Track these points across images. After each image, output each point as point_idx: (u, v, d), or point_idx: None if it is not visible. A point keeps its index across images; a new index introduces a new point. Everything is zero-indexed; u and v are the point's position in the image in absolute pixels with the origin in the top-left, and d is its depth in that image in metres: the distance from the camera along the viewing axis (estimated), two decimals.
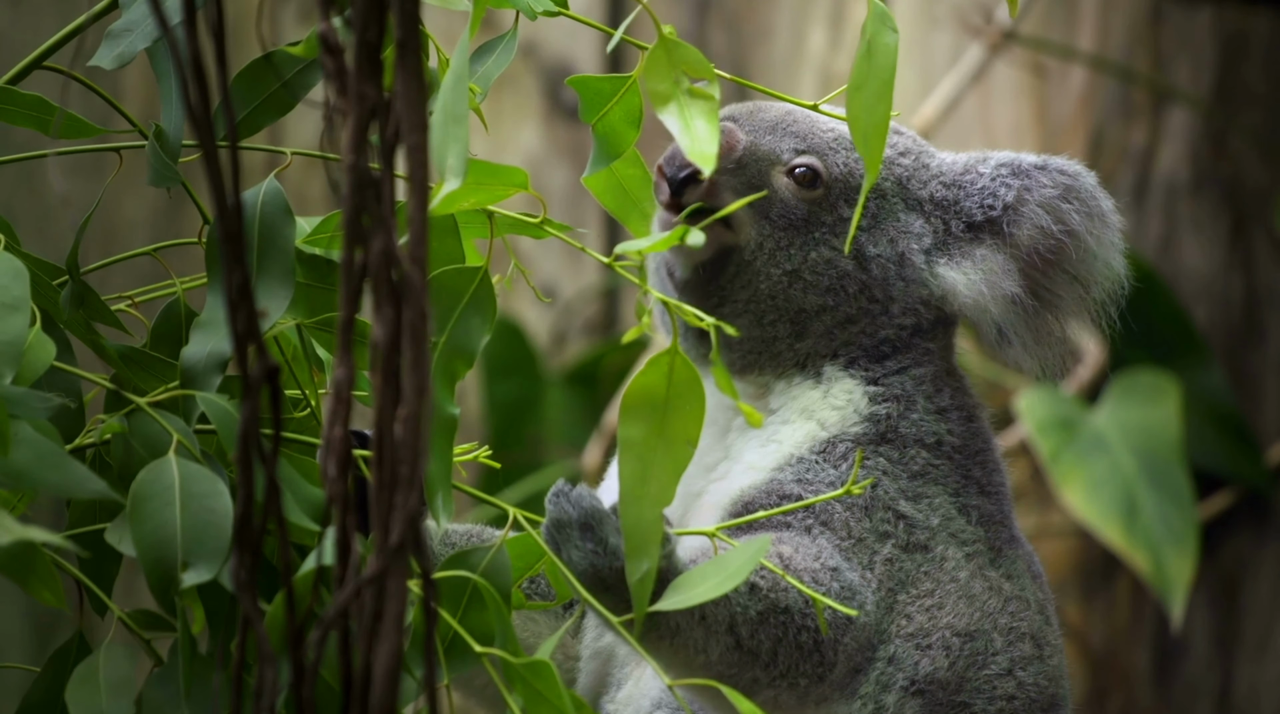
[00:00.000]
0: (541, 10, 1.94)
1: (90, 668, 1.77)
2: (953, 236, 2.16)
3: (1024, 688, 2.09)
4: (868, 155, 1.90)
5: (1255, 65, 4.02)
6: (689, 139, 1.86)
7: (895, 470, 2.11)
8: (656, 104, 1.86)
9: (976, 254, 2.16)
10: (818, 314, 2.15)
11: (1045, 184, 2.16)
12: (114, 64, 1.88)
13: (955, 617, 2.08)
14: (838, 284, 2.14)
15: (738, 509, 2.09)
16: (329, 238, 1.92)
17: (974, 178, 2.17)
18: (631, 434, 1.82)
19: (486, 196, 1.88)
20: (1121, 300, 2.20)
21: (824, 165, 2.14)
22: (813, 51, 4.19)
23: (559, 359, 4.25)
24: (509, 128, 4.24)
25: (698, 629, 1.96)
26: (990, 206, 2.16)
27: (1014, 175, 2.16)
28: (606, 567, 1.90)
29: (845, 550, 2.06)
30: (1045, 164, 2.17)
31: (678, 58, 1.88)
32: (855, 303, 2.15)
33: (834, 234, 2.14)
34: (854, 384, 2.14)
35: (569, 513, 1.91)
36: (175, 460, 1.76)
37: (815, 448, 2.12)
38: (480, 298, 1.84)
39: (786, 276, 2.13)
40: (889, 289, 2.15)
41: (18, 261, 1.78)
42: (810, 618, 1.99)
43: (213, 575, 1.72)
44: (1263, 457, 3.98)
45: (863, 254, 2.14)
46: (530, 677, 1.75)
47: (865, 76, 1.89)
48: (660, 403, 1.82)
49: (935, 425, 2.14)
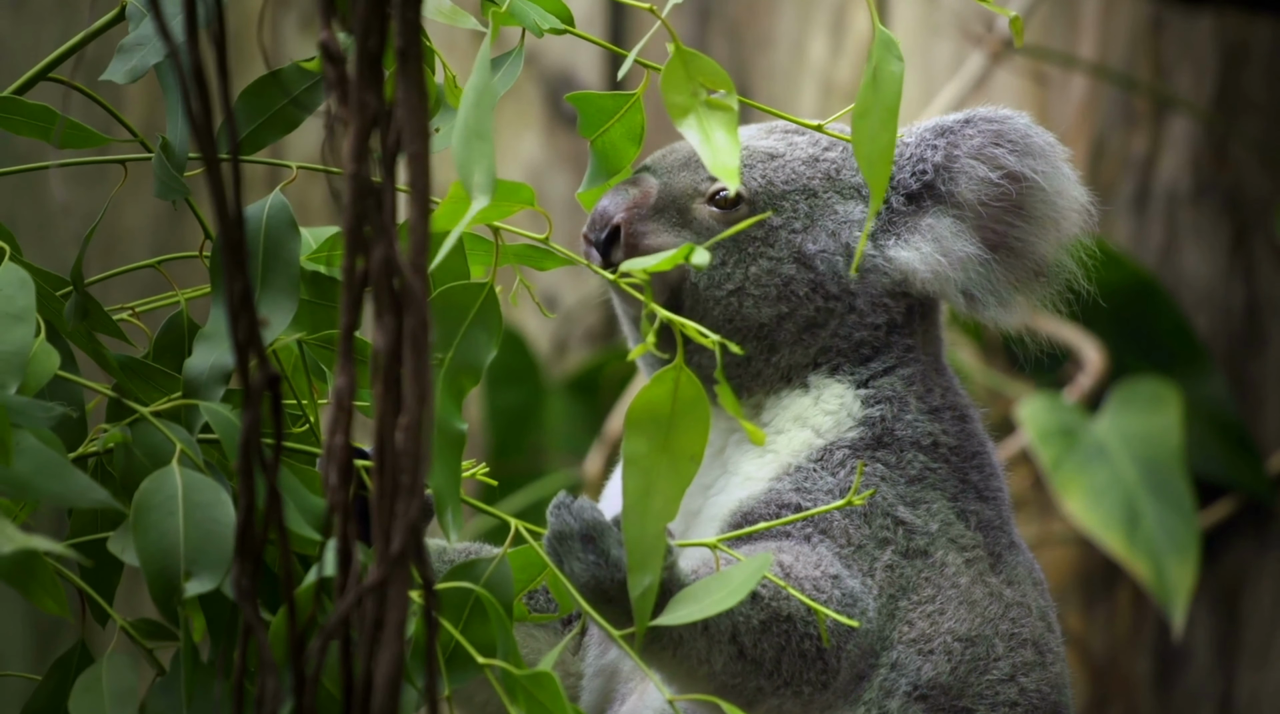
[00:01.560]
0: (548, 28, 1.94)
1: (93, 677, 1.77)
2: (895, 213, 2.15)
3: (1026, 694, 2.09)
4: (872, 180, 1.90)
5: (1256, 73, 4.02)
6: (709, 151, 1.86)
7: (893, 475, 2.11)
8: (675, 116, 1.87)
9: (922, 225, 2.14)
10: (779, 324, 2.15)
11: (972, 135, 2.14)
12: (126, 79, 1.89)
13: (957, 622, 2.08)
14: (786, 290, 2.14)
15: (737, 520, 2.09)
16: (329, 254, 1.92)
17: (902, 149, 2.16)
18: (636, 449, 1.82)
19: (494, 212, 1.88)
20: (1094, 228, 2.17)
21: (742, 186, 2.15)
22: (814, 60, 4.19)
23: (560, 368, 4.25)
24: (510, 137, 4.24)
25: (700, 640, 1.96)
26: (922, 172, 2.15)
27: (939, 135, 2.15)
28: (608, 579, 1.90)
29: (845, 557, 2.06)
30: (969, 117, 2.15)
31: (695, 69, 1.88)
32: (811, 303, 2.15)
33: (768, 244, 2.14)
34: (843, 388, 2.14)
35: (571, 525, 1.91)
36: (178, 470, 1.76)
37: (812, 456, 2.12)
38: (486, 313, 1.85)
39: (734, 296, 2.14)
40: (843, 282, 2.14)
41: (23, 272, 1.79)
42: (813, 626, 1.99)
43: (215, 585, 1.72)
44: (1264, 465, 3.98)
45: (803, 253, 2.14)
46: (533, 688, 1.75)
47: (870, 104, 1.89)
48: (665, 419, 1.83)
49: (930, 426, 2.14)
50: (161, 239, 4.10)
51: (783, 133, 2.20)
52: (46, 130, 1.93)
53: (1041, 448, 3.83)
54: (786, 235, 2.14)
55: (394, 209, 1.59)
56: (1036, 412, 3.87)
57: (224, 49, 1.59)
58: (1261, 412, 4.01)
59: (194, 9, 1.59)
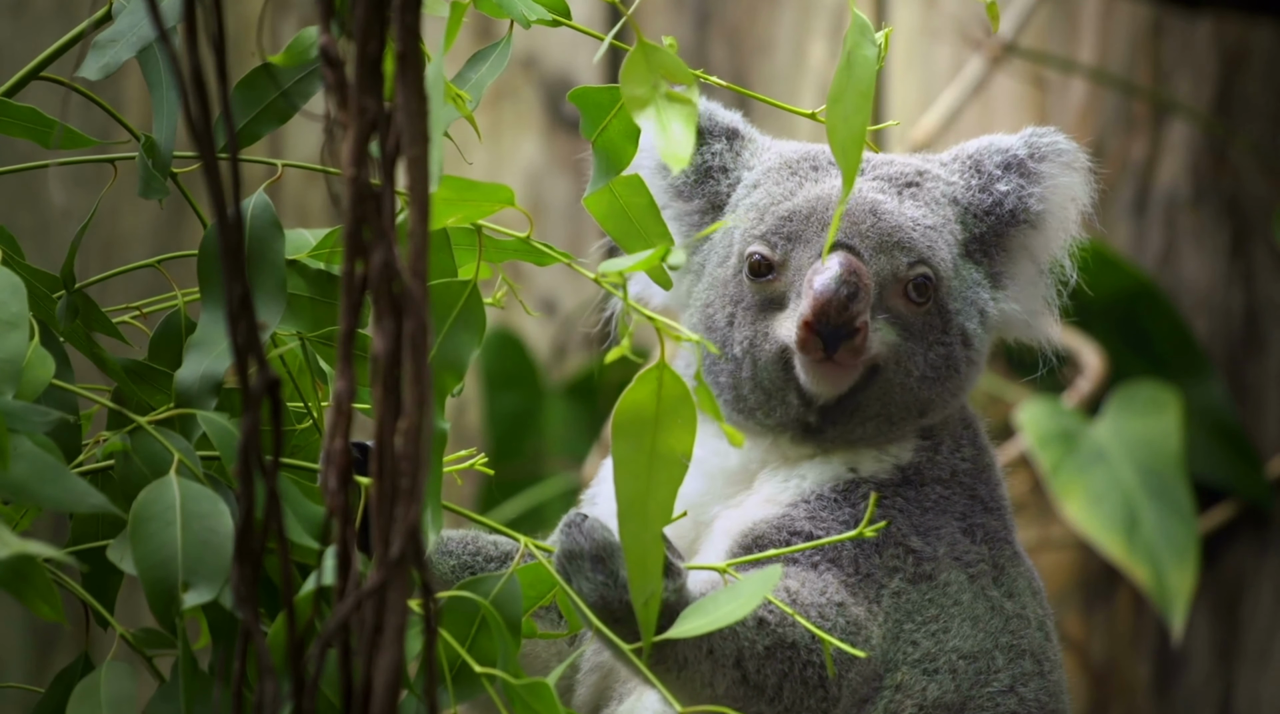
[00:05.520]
0: (535, 19, 1.93)
1: (91, 685, 1.76)
2: (991, 259, 2.16)
3: (1025, 704, 2.09)
4: (845, 166, 1.88)
5: (1256, 78, 4.02)
6: (663, 140, 1.83)
7: (909, 508, 2.11)
8: (632, 108, 1.84)
9: (1016, 271, 2.16)
10: (940, 397, 2.13)
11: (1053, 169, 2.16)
12: (100, 74, 1.88)
13: (961, 639, 2.08)
14: (954, 369, 2.12)
15: (747, 542, 2.09)
16: (330, 252, 1.91)
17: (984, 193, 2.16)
18: (624, 452, 1.82)
19: (473, 212, 1.87)
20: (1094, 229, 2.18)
21: (933, 271, 2.11)
22: (814, 64, 4.19)
23: (559, 372, 4.25)
24: (510, 141, 4.24)
25: (705, 663, 1.96)
26: (1018, 211, 2.15)
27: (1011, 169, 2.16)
28: (616, 599, 1.90)
29: (851, 586, 2.05)
30: (1032, 147, 2.16)
31: (656, 62, 1.86)
32: (970, 375, 2.15)
33: (944, 331, 2.11)
34: (913, 438, 2.15)
35: (581, 545, 1.90)
36: (176, 480, 1.75)
37: (838, 487, 2.11)
38: (469, 312, 1.84)
39: (917, 381, 2.10)
40: (982, 348, 2.15)
41: (16, 277, 1.78)
42: (816, 653, 1.98)
43: (214, 596, 1.71)
44: (1263, 469, 3.98)
45: (965, 333, 2.13)
46: (529, 698, 1.76)
47: (844, 88, 1.88)
48: (650, 419, 1.81)
49: (953, 460, 2.14)
50: (160, 241, 4.10)
51: (899, 190, 2.14)
52: (42, 134, 1.92)
53: (1041, 452, 3.83)
54: (954, 317, 2.12)
55: (393, 213, 1.59)
56: (1036, 416, 3.86)
57: (223, 49, 1.59)
58: (1261, 416, 4.00)
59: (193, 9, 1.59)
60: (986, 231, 2.15)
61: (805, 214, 2.09)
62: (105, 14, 1.91)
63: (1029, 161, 2.15)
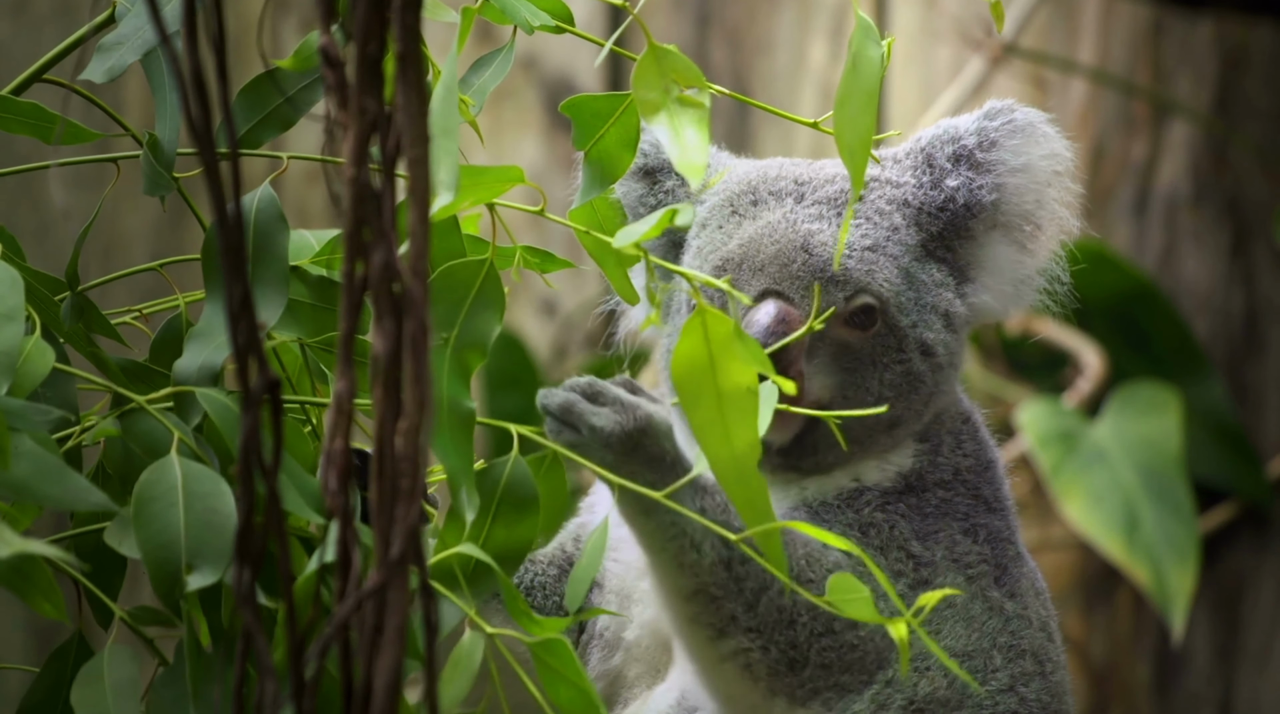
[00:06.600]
0: (538, 25, 1.93)
1: (95, 669, 1.76)
2: (954, 251, 2.14)
3: (1026, 704, 2.09)
4: (853, 169, 1.87)
5: (1256, 78, 4.02)
6: (677, 148, 1.83)
7: (911, 514, 2.09)
8: (645, 113, 1.83)
9: (985, 258, 2.12)
10: (906, 410, 2.10)
11: (1004, 148, 2.14)
12: (105, 77, 1.88)
13: (953, 639, 2.07)
14: (915, 383, 2.09)
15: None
16: (331, 258, 1.92)
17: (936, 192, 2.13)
18: (696, 413, 1.78)
19: (484, 194, 1.87)
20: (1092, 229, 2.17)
21: (875, 297, 2.07)
22: (814, 65, 4.20)
23: (560, 372, 4.26)
24: (510, 141, 4.24)
25: (699, 525, 1.94)
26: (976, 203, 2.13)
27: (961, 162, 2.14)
28: (630, 419, 1.89)
29: None
30: (982, 132, 2.14)
31: (667, 66, 1.85)
32: (935, 384, 2.11)
33: (899, 349, 2.08)
34: (911, 444, 2.13)
35: (568, 395, 1.90)
36: (177, 460, 1.75)
37: (841, 496, 2.10)
38: (488, 289, 1.83)
39: (874, 406, 2.05)
40: (951, 352, 2.11)
41: (13, 270, 1.77)
42: (796, 599, 1.97)
43: (218, 578, 1.71)
44: (1263, 470, 3.98)
45: (924, 344, 2.09)
46: (545, 655, 1.75)
47: (850, 90, 1.87)
48: (706, 364, 1.78)
49: (954, 458, 2.13)
50: (161, 242, 4.10)
51: (837, 209, 2.10)
52: (44, 130, 1.92)
53: (1041, 452, 3.83)
54: (908, 332, 2.09)
55: (394, 213, 1.59)
56: (1036, 416, 3.87)
57: (223, 50, 1.59)
58: (1261, 416, 4.01)
59: (193, 9, 1.59)
60: (945, 228, 2.12)
61: (738, 261, 2.06)
62: (108, 17, 1.92)
63: (978, 152, 2.13)
